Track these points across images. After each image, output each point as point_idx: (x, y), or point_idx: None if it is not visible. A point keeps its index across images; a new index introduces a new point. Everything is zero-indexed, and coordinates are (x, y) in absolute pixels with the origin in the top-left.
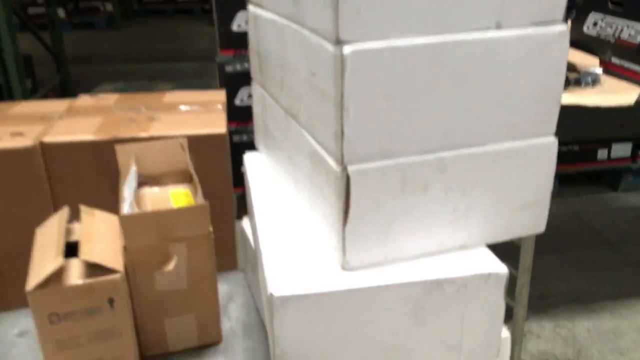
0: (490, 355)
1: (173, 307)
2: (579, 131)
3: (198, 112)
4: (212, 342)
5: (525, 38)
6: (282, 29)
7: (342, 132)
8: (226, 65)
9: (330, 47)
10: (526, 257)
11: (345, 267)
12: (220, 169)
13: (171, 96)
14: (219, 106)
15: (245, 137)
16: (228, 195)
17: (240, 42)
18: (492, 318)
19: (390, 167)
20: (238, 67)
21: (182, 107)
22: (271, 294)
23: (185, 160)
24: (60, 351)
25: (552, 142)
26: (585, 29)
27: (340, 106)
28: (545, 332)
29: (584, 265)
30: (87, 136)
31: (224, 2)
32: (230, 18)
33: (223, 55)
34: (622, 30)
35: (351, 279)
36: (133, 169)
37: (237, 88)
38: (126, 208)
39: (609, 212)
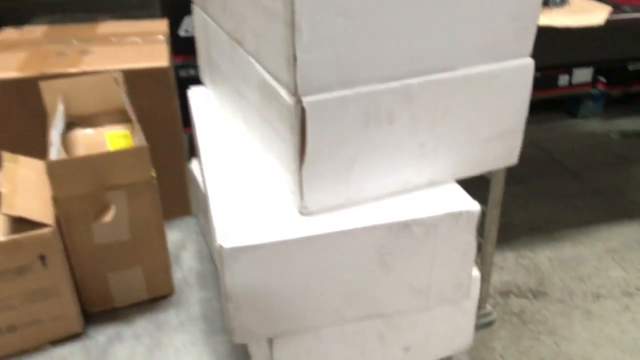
0: (460, 296)
1: (116, 261)
2: (544, 56)
3: (136, 44)
4: (163, 294)
5: None
6: None
7: (295, 57)
8: None
9: None
10: (496, 191)
11: (303, 211)
12: (166, 107)
13: (106, 27)
14: (160, 37)
15: (192, 72)
16: (176, 136)
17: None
18: (462, 258)
19: (351, 97)
20: None
21: (118, 39)
22: (220, 246)
23: (120, 97)
24: None
25: (529, 63)
26: None
27: (292, 25)
28: (508, 263)
29: (544, 194)
30: (9, 73)
31: None
32: None
33: None
34: None
35: (310, 225)
36: (60, 108)
37: (181, 17)
38: (53, 153)
39: (569, 139)
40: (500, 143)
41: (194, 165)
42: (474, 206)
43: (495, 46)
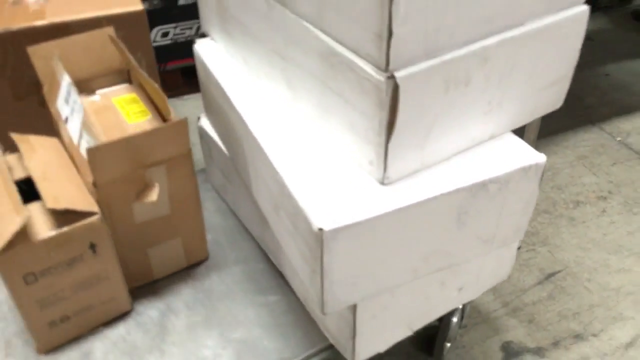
0: (517, 237)
1: (156, 235)
2: None
3: None
4: (200, 259)
5: None
6: None
7: (391, 33)
8: None
9: None
10: (531, 132)
11: (385, 182)
12: (144, 55)
13: None
14: None
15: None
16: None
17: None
18: (526, 206)
19: (436, 67)
20: (146, 4)
21: None
22: (320, 229)
23: (116, 55)
24: (43, 310)
25: (584, 10)
26: None
27: (389, 4)
28: None
29: None
30: None
31: None
32: None
33: None
34: None
35: (396, 196)
36: (66, 79)
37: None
38: (85, 137)
39: None
40: (553, 89)
41: (202, 121)
42: (541, 158)
43: None
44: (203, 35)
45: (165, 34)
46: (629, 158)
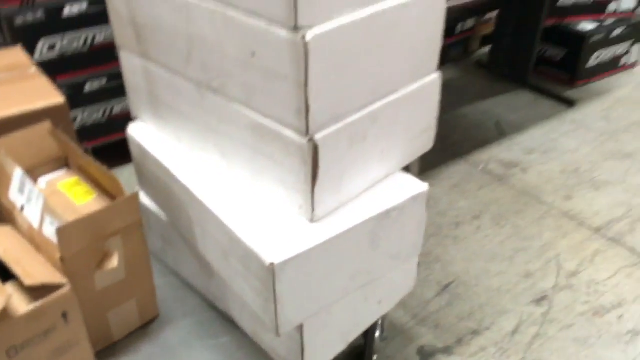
0: (416, 252)
1: (114, 299)
2: None
3: (11, 81)
4: (151, 317)
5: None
6: (189, 7)
7: (307, 108)
8: (15, 18)
9: (286, 33)
10: (414, 169)
11: (314, 220)
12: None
13: None
14: (33, 69)
15: None
16: None
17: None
18: (419, 226)
19: (342, 128)
20: (30, 17)
21: None
22: (271, 263)
23: (54, 145)
24: None
25: (437, 76)
26: None
27: (305, 86)
28: None
29: None
30: None
31: None
32: None
33: (8, 7)
34: None
35: (326, 230)
36: (18, 172)
37: (34, 42)
38: (48, 219)
39: None
40: (424, 135)
41: (142, 197)
42: (425, 187)
43: (418, 69)
44: (131, 119)
45: (52, 47)
46: (491, 182)
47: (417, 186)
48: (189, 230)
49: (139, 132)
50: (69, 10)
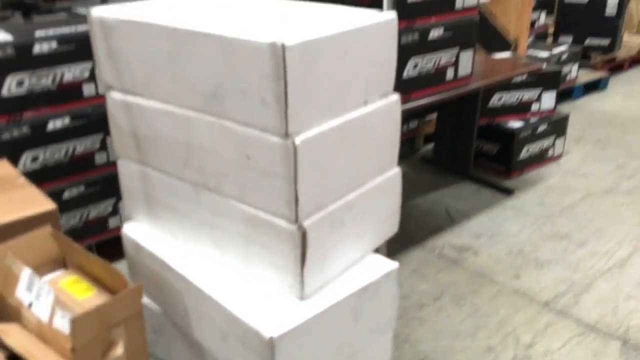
0: (391, 326)
1: None
2: None
3: (2, 191)
4: None
5: (380, 108)
6: (190, 120)
7: (297, 199)
8: (2, 134)
9: (278, 139)
10: (382, 252)
11: (303, 298)
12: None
13: None
14: (21, 180)
15: (17, 133)
16: None
17: (13, 106)
18: (393, 300)
19: (325, 216)
20: (15, 132)
21: None
22: (271, 337)
23: (53, 246)
24: None
25: (398, 169)
26: None
27: (294, 181)
28: None
29: None
30: None
31: None
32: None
33: None
34: None
35: (314, 306)
36: (26, 271)
37: (18, 155)
38: (59, 313)
39: None
40: (391, 220)
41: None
42: (395, 264)
43: (382, 164)
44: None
45: (20, 83)
46: (447, 266)
47: (389, 265)
48: (184, 318)
49: (133, 230)
50: (52, 125)
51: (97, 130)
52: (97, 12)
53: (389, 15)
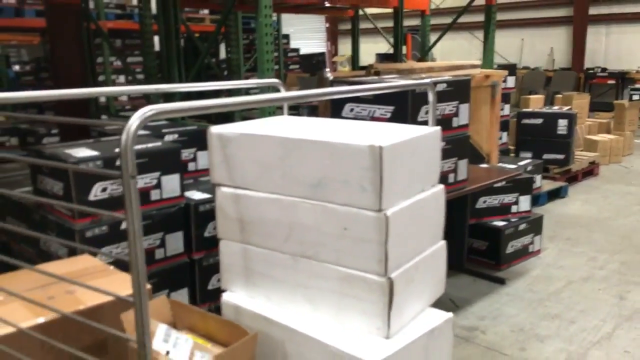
0: None
1: None
2: None
3: (100, 277)
4: None
5: (432, 195)
6: (294, 204)
7: (387, 258)
8: (86, 232)
9: (373, 213)
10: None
11: (389, 337)
12: None
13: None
14: (111, 267)
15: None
16: None
17: (96, 209)
18: (449, 345)
19: (402, 272)
20: (97, 231)
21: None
22: None
23: (165, 312)
24: None
25: (444, 242)
26: None
27: (385, 244)
28: None
29: None
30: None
31: (79, 175)
32: (88, 190)
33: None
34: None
35: (400, 340)
36: (162, 326)
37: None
38: (198, 355)
39: None
40: (440, 284)
41: None
42: (451, 315)
43: (433, 237)
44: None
45: (104, 190)
46: (460, 342)
47: (445, 314)
48: None
49: (232, 298)
50: (124, 225)
51: (159, 229)
52: (216, 129)
53: (435, 128)
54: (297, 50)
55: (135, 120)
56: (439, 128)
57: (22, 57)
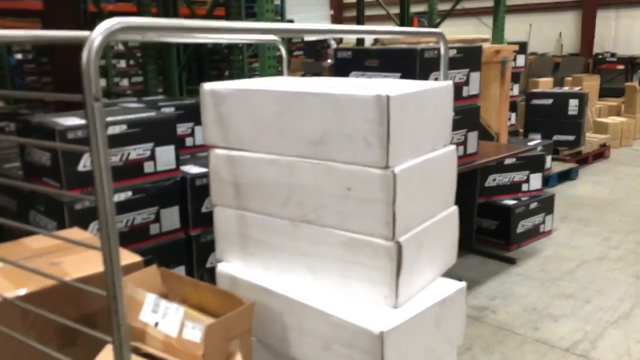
0: (461, 340)
1: None
2: None
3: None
4: None
5: (443, 155)
6: (293, 164)
7: (394, 220)
8: (75, 204)
9: (379, 171)
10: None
11: (397, 306)
12: None
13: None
14: None
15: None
16: None
17: (86, 181)
18: (462, 314)
19: (411, 236)
20: (87, 203)
21: (59, 249)
22: (381, 332)
23: (156, 283)
24: None
25: (456, 208)
26: None
27: (393, 205)
28: None
29: None
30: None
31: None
32: (77, 160)
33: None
34: None
35: (410, 310)
36: (150, 296)
37: (87, 223)
38: (189, 325)
39: None
40: (451, 251)
41: None
42: (464, 284)
43: (445, 202)
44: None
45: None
46: (471, 322)
47: (458, 284)
48: (282, 338)
49: (227, 268)
50: (116, 198)
51: (153, 204)
52: (209, 85)
53: (447, 82)
54: None
55: (98, 34)
56: (450, 82)
57: (25, 45)
